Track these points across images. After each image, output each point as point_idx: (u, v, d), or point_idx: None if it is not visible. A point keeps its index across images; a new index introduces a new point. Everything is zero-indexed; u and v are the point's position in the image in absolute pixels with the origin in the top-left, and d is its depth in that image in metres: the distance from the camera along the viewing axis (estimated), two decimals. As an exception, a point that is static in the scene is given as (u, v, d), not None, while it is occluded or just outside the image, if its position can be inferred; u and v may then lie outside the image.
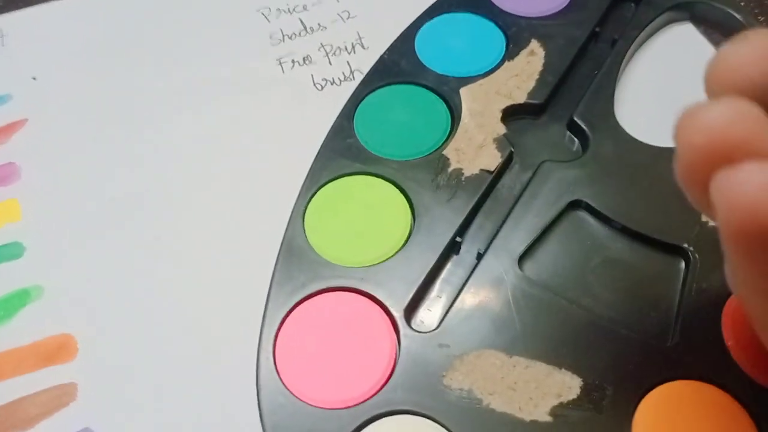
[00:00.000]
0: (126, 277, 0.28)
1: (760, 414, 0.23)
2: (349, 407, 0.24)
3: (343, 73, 0.33)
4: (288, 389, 0.24)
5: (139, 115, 0.33)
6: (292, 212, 0.28)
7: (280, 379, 0.24)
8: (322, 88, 0.33)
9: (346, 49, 0.34)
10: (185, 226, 0.29)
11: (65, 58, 0.35)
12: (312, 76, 0.34)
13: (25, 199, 0.30)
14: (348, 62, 0.34)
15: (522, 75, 0.32)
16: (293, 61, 0.34)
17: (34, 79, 0.34)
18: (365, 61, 0.33)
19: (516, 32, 0.33)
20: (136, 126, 0.32)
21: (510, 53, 0.32)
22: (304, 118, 0.32)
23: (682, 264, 0.27)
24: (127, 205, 0.30)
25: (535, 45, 0.32)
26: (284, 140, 0.31)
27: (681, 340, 0.25)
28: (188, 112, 0.32)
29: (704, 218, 0.27)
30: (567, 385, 0.24)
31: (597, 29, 0.33)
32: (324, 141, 0.30)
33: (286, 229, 0.28)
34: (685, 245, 0.27)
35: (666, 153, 0.29)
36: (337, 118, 0.31)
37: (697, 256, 0.26)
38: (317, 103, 0.32)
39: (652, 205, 0.28)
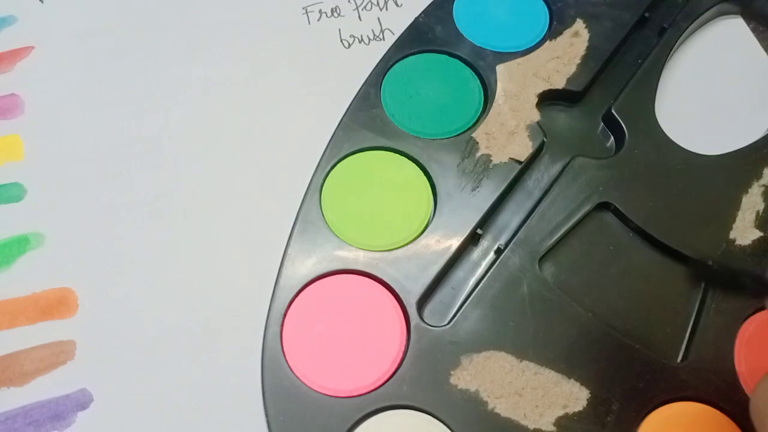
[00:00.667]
0: (132, 235, 0.27)
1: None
2: (352, 397, 0.23)
3: (373, 31, 0.31)
4: (293, 372, 0.24)
5: (154, 53, 0.30)
6: (309, 185, 0.27)
7: (286, 362, 0.24)
8: (349, 45, 0.31)
9: (377, 4, 0.32)
10: (197, 186, 0.28)
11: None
12: (339, 30, 0.31)
13: (28, 135, 0.28)
14: (379, 19, 0.32)
15: (563, 58, 0.30)
16: (320, 12, 0.32)
17: (41, 1, 0.31)
18: (398, 20, 0.31)
19: (561, 8, 0.31)
20: (149, 67, 0.30)
21: (553, 32, 0.30)
22: (328, 77, 0.30)
23: (703, 281, 0.26)
24: (137, 156, 0.28)
25: (580, 25, 0.30)
26: (304, 101, 0.30)
27: (692, 361, 0.24)
28: (204, 58, 0.30)
29: (732, 236, 0.26)
30: (574, 396, 0.24)
31: (646, 14, 0.31)
32: (348, 109, 0.28)
33: (302, 204, 0.26)
34: (710, 263, 0.26)
35: (702, 161, 0.28)
36: (364, 84, 0.29)
37: (719, 274, 0.26)
38: (343, 63, 0.31)
39: (682, 216, 0.27)
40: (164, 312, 0.25)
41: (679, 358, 0.25)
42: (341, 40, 0.31)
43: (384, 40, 0.31)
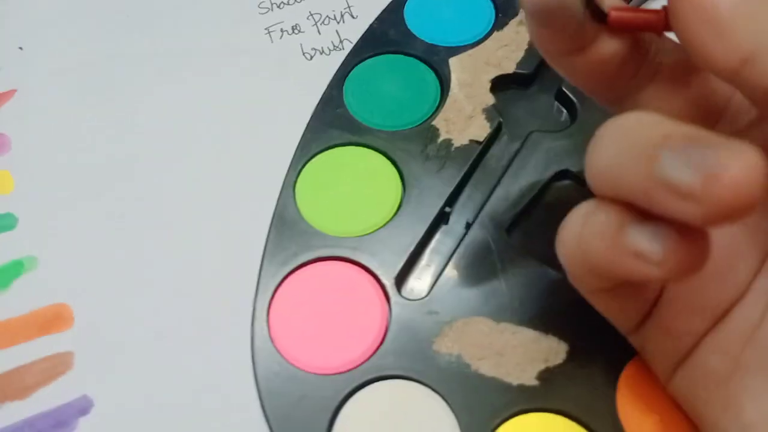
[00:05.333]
0: (119, 247, 0.28)
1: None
2: (342, 372, 0.24)
3: (332, 43, 0.33)
4: (282, 356, 0.25)
5: (127, 83, 0.32)
6: (283, 183, 0.28)
7: (275, 347, 0.25)
8: (311, 57, 0.33)
9: (335, 18, 0.34)
10: (176, 195, 0.29)
11: (51, 28, 0.34)
12: (301, 45, 0.33)
13: (17, 170, 0.30)
14: (337, 31, 0.34)
15: (511, 45, 0.32)
16: (282, 30, 0.34)
17: (20, 48, 0.33)
18: (354, 31, 0.33)
19: (505, 1, 0.33)
20: (124, 95, 0.32)
21: (499, 23, 0.32)
22: (293, 88, 0.32)
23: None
24: (118, 175, 0.30)
25: (523, 14, 0.32)
26: (273, 111, 0.31)
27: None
28: (176, 82, 0.32)
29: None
30: (554, 350, 0.25)
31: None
32: (314, 111, 0.30)
33: (277, 201, 0.28)
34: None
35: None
36: (327, 88, 0.31)
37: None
38: (306, 73, 0.32)
39: (638, 175, 0.28)
40: (155, 315, 0.27)
41: (651, 306, 0.26)
42: (303, 53, 0.33)
43: (343, 49, 0.33)
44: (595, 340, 0.25)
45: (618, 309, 0.22)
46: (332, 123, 0.30)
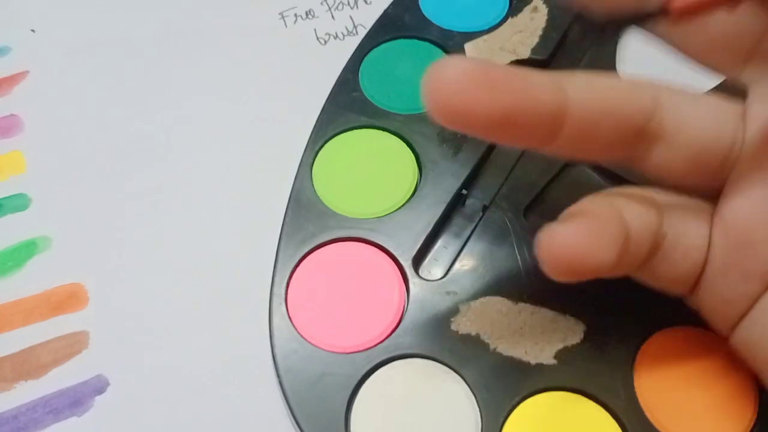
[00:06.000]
0: (134, 226, 0.28)
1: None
2: (361, 351, 0.24)
3: (346, 28, 0.33)
4: (301, 335, 0.25)
5: (140, 65, 0.32)
6: (300, 165, 0.28)
7: (293, 326, 0.25)
8: (325, 42, 0.33)
9: (348, 3, 0.34)
10: (193, 175, 0.29)
11: (63, 10, 0.34)
12: (315, 30, 0.33)
13: (29, 150, 0.30)
14: (351, 17, 0.34)
15: (526, 31, 0.32)
16: (296, 15, 0.34)
17: (32, 31, 0.33)
18: (368, 16, 0.33)
19: (520, -12, 0.33)
20: (137, 76, 0.32)
21: (514, 10, 0.32)
22: (308, 72, 0.32)
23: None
24: (132, 155, 0.30)
25: (538, 1, 0.33)
26: (288, 95, 0.31)
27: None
28: (189, 65, 0.32)
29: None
30: (571, 330, 0.25)
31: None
32: (329, 95, 0.30)
33: (294, 182, 0.28)
34: (686, 197, 0.27)
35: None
36: (342, 71, 0.31)
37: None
38: (320, 58, 0.32)
39: (653, 159, 0.28)
40: (171, 295, 0.26)
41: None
42: (317, 38, 0.33)
43: (357, 34, 0.33)
44: (612, 319, 0.25)
45: (664, 282, 0.22)
46: (348, 106, 0.30)
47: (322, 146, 0.29)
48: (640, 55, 0.32)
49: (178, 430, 0.24)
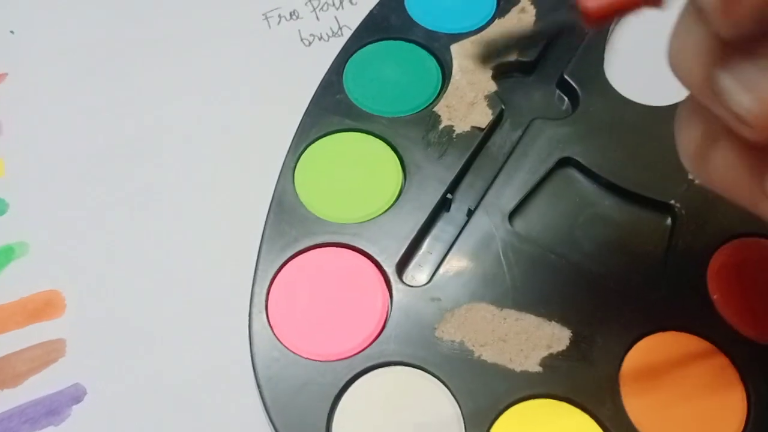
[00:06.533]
0: (113, 233, 0.27)
1: (744, 364, 0.24)
2: (342, 359, 0.24)
3: (331, 29, 0.33)
4: (281, 343, 0.24)
5: (121, 69, 0.32)
6: (282, 169, 0.28)
7: (273, 333, 0.24)
8: (310, 44, 0.33)
9: (333, 4, 0.34)
10: (173, 180, 0.29)
11: (43, 11, 0.34)
12: (299, 31, 0.33)
13: (7, 155, 0.29)
14: (336, 17, 0.33)
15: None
16: (279, 16, 0.33)
17: (11, 32, 0.33)
18: (353, 17, 0.33)
19: (506, -11, 0.33)
20: (118, 79, 0.31)
21: (501, 10, 0.32)
22: (292, 74, 0.31)
23: (669, 221, 0.27)
24: (112, 160, 0.29)
25: (525, 2, 0.32)
26: (271, 97, 0.31)
27: (668, 294, 0.25)
28: (172, 66, 0.32)
29: (692, 176, 0.28)
30: (557, 337, 0.24)
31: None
32: (313, 97, 0.30)
33: (276, 186, 0.27)
34: (672, 202, 0.27)
35: (655, 112, 0.29)
36: (326, 73, 0.30)
37: (684, 212, 0.27)
38: (305, 59, 0.32)
39: (641, 163, 0.28)
40: (150, 302, 0.26)
41: (655, 294, 0.25)
42: (302, 40, 0.33)
43: (342, 35, 0.33)
44: (598, 326, 0.24)
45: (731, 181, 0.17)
46: (332, 109, 0.29)
47: (305, 149, 0.28)
48: (625, 60, 0.32)
49: (157, 440, 0.24)
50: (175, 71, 0.32)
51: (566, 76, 0.30)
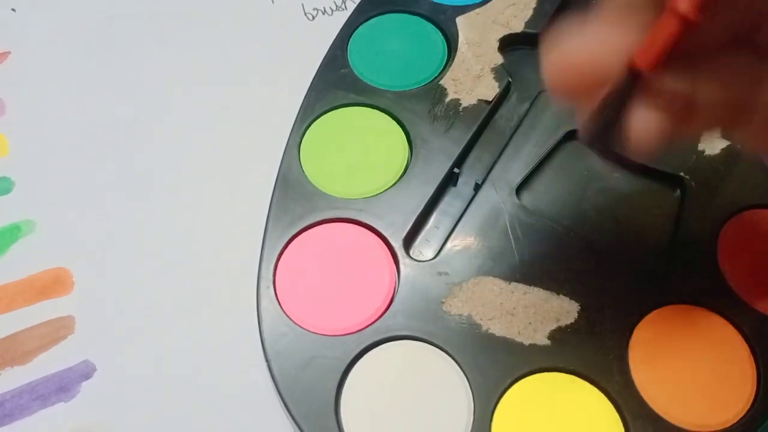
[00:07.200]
0: (119, 209, 0.27)
1: (753, 335, 0.24)
2: (350, 334, 0.24)
3: (335, 3, 0.32)
4: (290, 318, 0.24)
5: (124, 45, 0.31)
6: (287, 145, 0.28)
7: (282, 309, 0.24)
8: (313, 18, 0.32)
9: (337, -23, 0.33)
10: (178, 157, 0.29)
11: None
12: (302, 5, 0.33)
13: (12, 133, 0.29)
14: (340, -8, 0.33)
15: (519, 4, 0.31)
16: (283, -9, 0.33)
17: (13, 10, 0.32)
18: (358, -9, 0.32)
19: (512, -40, 0.32)
20: (121, 56, 0.31)
21: (507, -19, 0.31)
22: (295, 48, 0.31)
23: (678, 193, 0.27)
24: (117, 137, 0.29)
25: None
26: (275, 72, 0.31)
27: (677, 266, 0.25)
28: (175, 44, 0.31)
29: (701, 148, 0.27)
30: (565, 310, 0.24)
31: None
32: (317, 72, 0.29)
33: (281, 162, 0.27)
34: (682, 174, 0.27)
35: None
36: (330, 48, 0.30)
37: (693, 184, 0.26)
38: (308, 34, 0.32)
39: (650, 135, 0.27)
40: (158, 279, 0.26)
41: (664, 266, 0.25)
42: (305, 14, 0.32)
43: (346, 9, 0.32)
44: (607, 298, 0.24)
45: None
46: (337, 83, 0.29)
47: (310, 125, 0.28)
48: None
49: (167, 414, 0.24)
50: (177, 48, 0.31)
51: (574, 48, 0.30)
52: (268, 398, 0.23)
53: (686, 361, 0.23)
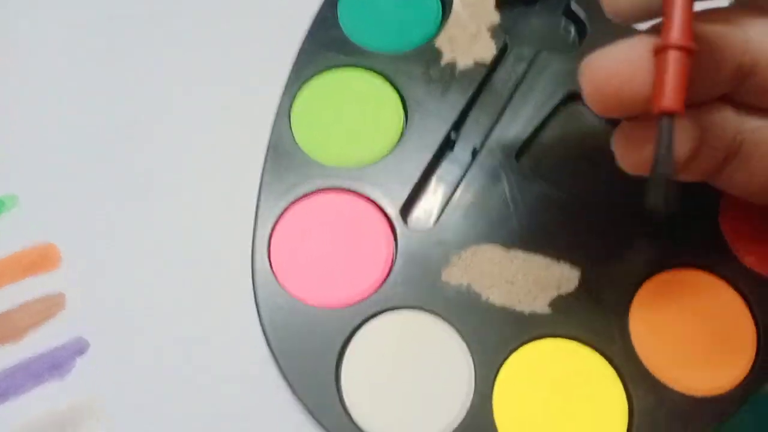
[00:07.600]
0: (106, 182, 0.27)
1: (755, 299, 0.23)
2: (349, 306, 0.23)
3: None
4: (287, 291, 0.24)
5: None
6: (278, 111, 0.27)
7: (278, 282, 0.24)
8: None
9: (325, -68, 0.32)
10: (163, 127, 0.28)
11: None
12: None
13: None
14: (328, -53, 0.31)
15: (516, -38, 0.30)
16: (268, -53, 0.31)
17: None
18: (347, -54, 0.31)
19: None
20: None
21: (503, -65, 0.30)
22: (283, 9, 0.30)
23: (680, 155, 0.26)
24: (103, 111, 0.28)
25: None
26: (262, 34, 0.29)
27: (679, 230, 0.25)
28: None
29: (703, 107, 0.27)
30: (566, 277, 0.24)
31: None
32: (306, 33, 0.28)
33: (272, 130, 0.26)
34: (684, 136, 0.26)
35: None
36: (320, 8, 0.29)
37: (694, 146, 0.26)
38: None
39: (651, 95, 0.27)
40: (148, 252, 0.25)
41: (666, 230, 0.25)
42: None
43: (335, -33, 0.31)
44: (607, 265, 0.24)
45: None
46: (327, 45, 0.28)
47: (300, 88, 0.27)
48: None
49: (163, 389, 0.24)
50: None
51: (572, 5, 0.29)
52: (268, 372, 0.23)
53: (687, 326, 0.23)
